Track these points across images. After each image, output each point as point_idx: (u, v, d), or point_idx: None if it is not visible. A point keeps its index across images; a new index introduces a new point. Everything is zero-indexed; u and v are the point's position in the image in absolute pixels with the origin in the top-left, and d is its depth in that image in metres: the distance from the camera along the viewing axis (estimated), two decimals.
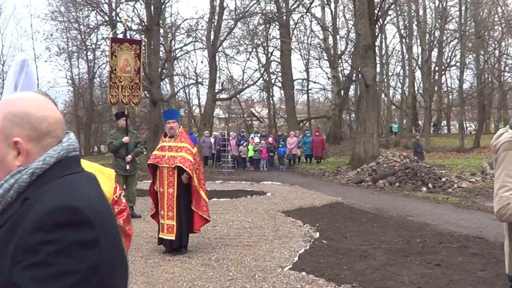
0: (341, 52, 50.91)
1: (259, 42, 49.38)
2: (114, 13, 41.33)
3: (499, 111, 56.24)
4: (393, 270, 8.86)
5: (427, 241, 11.09)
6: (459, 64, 48.59)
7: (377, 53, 43.04)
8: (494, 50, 48.16)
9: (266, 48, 51.14)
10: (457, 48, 51.15)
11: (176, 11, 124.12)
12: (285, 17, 45.12)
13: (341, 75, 52.18)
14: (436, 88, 54.63)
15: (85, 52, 51.49)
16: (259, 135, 34.82)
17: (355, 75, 44.96)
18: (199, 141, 34.07)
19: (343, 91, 51.17)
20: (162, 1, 39.17)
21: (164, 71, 44.93)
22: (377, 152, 27.51)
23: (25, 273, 1.72)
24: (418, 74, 54.03)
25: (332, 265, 9.29)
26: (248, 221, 13.98)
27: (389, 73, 58.78)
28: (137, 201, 15.83)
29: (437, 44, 50.56)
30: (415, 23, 48.54)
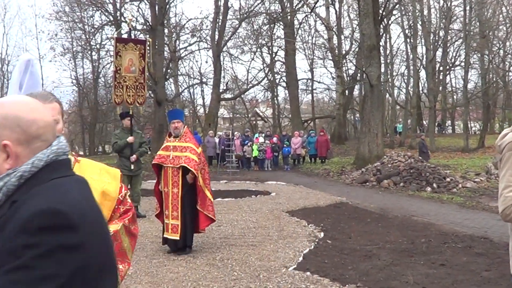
0: (345, 52, 50.93)
1: (263, 42, 49.35)
2: (118, 13, 41.38)
3: (503, 111, 56.26)
4: (397, 270, 8.85)
5: (431, 241, 11.08)
6: (463, 64, 48.61)
7: (381, 53, 43.15)
8: (498, 50, 47.99)
9: (270, 48, 51.08)
10: (461, 48, 51.20)
11: (181, 11, 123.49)
12: (289, 17, 45.02)
13: (345, 75, 52.17)
14: (440, 88, 54.53)
15: (89, 52, 51.65)
16: (263, 135, 34.85)
17: (359, 75, 44.86)
18: (204, 141, 34.07)
19: (347, 91, 51.14)
20: (167, 1, 39.14)
21: (169, 71, 44.87)
22: (381, 152, 27.47)
23: (8, 277, 1.72)
24: (423, 74, 54.16)
25: (337, 265, 9.29)
26: (252, 221, 13.98)
27: (394, 73, 58.87)
28: (142, 201, 15.86)
29: (441, 44, 50.53)
30: (420, 23, 48.40)
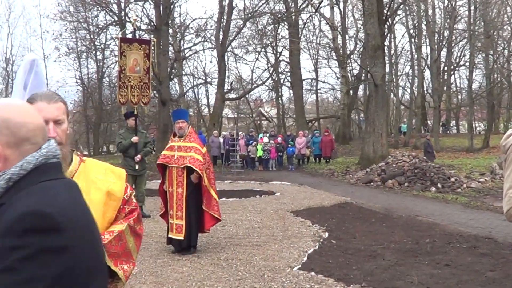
0: (350, 52, 50.97)
1: (268, 42, 49.43)
2: (123, 13, 41.35)
3: (508, 111, 56.25)
4: (402, 270, 8.85)
5: (436, 241, 11.07)
6: (468, 64, 48.51)
7: (386, 53, 43.01)
8: (503, 50, 48.05)
9: (275, 48, 51.14)
10: (466, 48, 51.08)
11: (185, 11, 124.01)
12: (294, 17, 45.03)
13: (350, 75, 52.25)
14: (445, 88, 54.54)
15: (94, 52, 51.66)
16: (268, 135, 34.86)
17: (364, 75, 44.79)
18: (208, 141, 34.08)
19: (352, 91, 51.20)
20: (171, 1, 39.14)
21: (173, 71, 44.88)
22: (386, 152, 27.45)
23: None
24: (427, 74, 54.07)
25: (341, 265, 9.29)
26: (257, 221, 13.98)
27: (398, 73, 58.85)
28: (146, 200, 15.84)
29: (446, 44, 50.51)
30: (424, 22, 48.39)
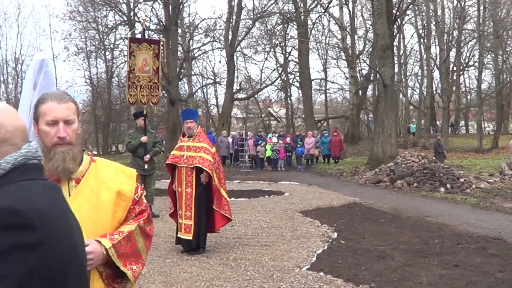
0: (359, 52, 50.83)
1: (277, 42, 49.37)
2: (132, 13, 41.44)
3: None
4: (411, 271, 8.84)
5: (445, 242, 11.05)
6: (477, 64, 48.46)
7: (395, 53, 43.07)
8: None
9: (284, 48, 51.08)
10: (475, 48, 51.09)
11: (194, 11, 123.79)
12: (303, 17, 45.01)
13: (359, 75, 52.10)
14: (454, 88, 54.50)
15: (103, 51, 51.76)
16: (277, 135, 34.90)
17: (373, 75, 44.77)
18: (217, 141, 34.09)
19: (361, 91, 51.13)
20: (180, 1, 39.21)
21: (182, 70, 44.96)
22: (395, 152, 27.42)
23: None
24: (436, 74, 54.06)
25: (350, 266, 9.29)
26: (266, 221, 13.99)
27: (407, 73, 58.80)
28: (155, 200, 15.90)
29: (455, 44, 50.47)
30: (433, 23, 48.33)
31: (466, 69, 57.46)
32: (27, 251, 1.78)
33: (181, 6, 40.19)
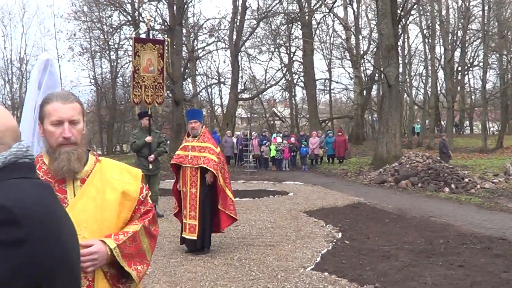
0: (363, 52, 50.90)
1: (281, 42, 49.50)
2: (137, 13, 41.45)
3: None
4: (415, 271, 8.83)
5: (450, 242, 11.03)
6: (482, 64, 48.43)
7: (399, 53, 42.94)
8: None
9: (288, 48, 51.19)
10: (480, 48, 51.00)
11: (199, 11, 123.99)
12: (307, 17, 44.97)
13: (363, 75, 52.18)
14: (458, 88, 54.42)
15: (108, 51, 51.86)
16: (281, 135, 34.88)
17: (377, 75, 44.73)
18: (222, 141, 34.09)
19: (365, 91, 51.14)
20: (185, 1, 39.22)
21: (187, 70, 44.98)
22: (399, 152, 27.40)
23: None
24: (441, 74, 54.02)
25: (355, 266, 9.28)
26: (270, 221, 13.99)
27: (412, 73, 58.80)
28: (160, 200, 15.88)
29: (460, 44, 50.39)
30: (438, 23, 48.30)
31: (471, 69, 57.42)
32: (11, 247, 1.77)
33: (185, 6, 40.24)
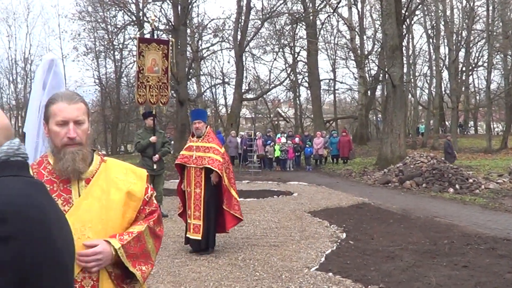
0: (368, 52, 50.79)
1: (285, 42, 49.42)
2: (141, 13, 41.42)
3: None
4: (420, 272, 8.82)
5: (454, 243, 11.03)
6: (486, 64, 48.31)
7: (404, 53, 42.90)
8: None
9: (292, 48, 51.13)
10: (484, 48, 50.92)
11: (203, 11, 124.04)
12: (311, 17, 44.96)
13: (368, 75, 52.10)
14: (463, 88, 54.34)
15: (112, 51, 51.78)
16: (285, 135, 34.87)
17: (382, 75, 44.69)
18: (226, 141, 34.10)
19: (369, 92, 51.07)
20: (189, 1, 39.20)
21: (191, 71, 45.00)
22: (404, 152, 27.40)
23: None
24: (445, 74, 53.90)
25: (359, 266, 9.28)
26: (274, 221, 14.00)
27: (416, 74, 58.63)
28: (164, 200, 15.92)
29: (464, 44, 50.25)
30: (443, 23, 48.30)
31: (475, 69, 57.33)
32: None
33: (190, 6, 40.20)
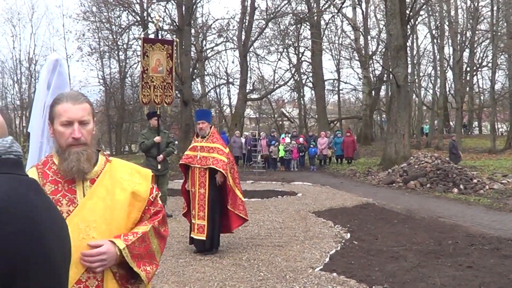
0: (372, 52, 50.78)
1: (290, 42, 49.46)
2: (145, 13, 41.51)
3: None
4: (424, 272, 8.81)
5: (458, 243, 11.01)
6: (491, 64, 48.33)
7: (408, 53, 42.91)
8: None
9: (297, 48, 51.13)
10: (489, 48, 50.92)
11: (207, 11, 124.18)
12: (316, 17, 44.94)
13: (372, 75, 52.06)
14: (467, 88, 54.30)
15: (116, 52, 51.85)
16: (289, 135, 34.89)
17: (386, 75, 44.64)
18: (230, 141, 34.08)
19: (374, 92, 51.07)
20: (194, 1, 39.28)
21: (195, 71, 45.06)
22: (408, 153, 27.37)
23: None
24: (450, 74, 53.96)
25: (363, 266, 9.27)
26: (279, 222, 14.00)
27: (421, 74, 58.65)
28: (168, 200, 15.92)
29: (468, 45, 50.30)
30: (447, 23, 48.22)
31: (480, 69, 57.33)
32: None
33: (194, 7, 40.28)
